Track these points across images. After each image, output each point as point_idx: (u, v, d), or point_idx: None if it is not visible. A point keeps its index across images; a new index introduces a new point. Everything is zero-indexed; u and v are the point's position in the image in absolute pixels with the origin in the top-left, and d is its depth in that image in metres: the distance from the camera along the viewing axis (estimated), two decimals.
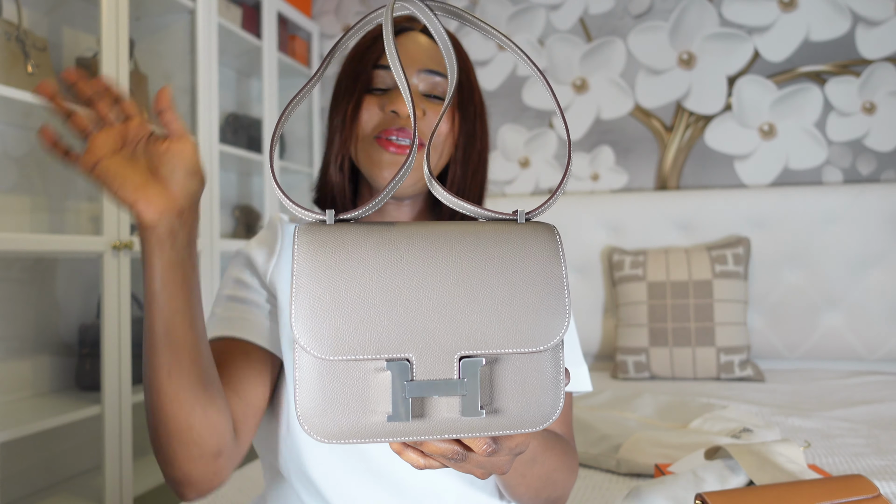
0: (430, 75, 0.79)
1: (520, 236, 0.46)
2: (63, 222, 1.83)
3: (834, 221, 2.19)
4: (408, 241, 0.44)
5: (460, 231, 0.45)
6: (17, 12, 1.57)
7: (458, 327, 0.43)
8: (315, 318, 0.42)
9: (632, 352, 2.12)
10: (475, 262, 0.44)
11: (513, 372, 0.44)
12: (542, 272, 0.45)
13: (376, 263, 0.43)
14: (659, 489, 0.94)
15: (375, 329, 0.42)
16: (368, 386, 0.43)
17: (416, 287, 0.43)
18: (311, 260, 0.43)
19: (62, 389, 1.80)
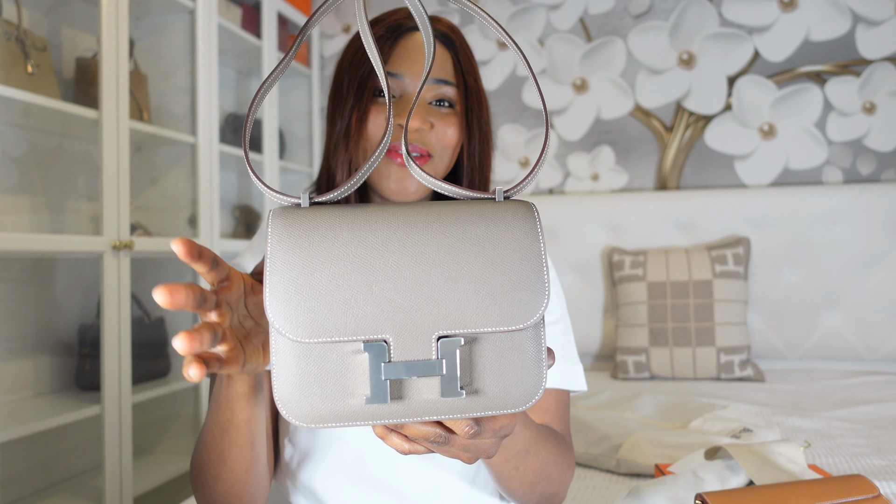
0: (438, 84, 0.78)
1: (497, 214, 0.45)
2: (63, 222, 1.83)
3: (834, 221, 2.18)
4: (383, 221, 0.44)
5: (437, 210, 0.45)
6: (17, 12, 1.57)
7: (435, 307, 0.42)
8: (289, 300, 0.41)
9: (632, 352, 2.12)
10: (452, 240, 0.43)
11: (493, 351, 0.43)
12: (521, 249, 0.44)
13: (351, 244, 0.43)
14: (659, 489, 0.94)
15: (351, 310, 0.42)
16: (346, 368, 0.42)
17: (392, 267, 0.42)
18: (284, 242, 0.42)
19: (62, 389, 1.80)
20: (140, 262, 1.98)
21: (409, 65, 0.77)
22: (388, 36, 0.78)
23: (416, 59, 0.77)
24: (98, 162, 1.66)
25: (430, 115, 0.77)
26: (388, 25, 0.79)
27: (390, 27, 0.79)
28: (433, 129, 0.77)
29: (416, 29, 0.79)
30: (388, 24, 0.79)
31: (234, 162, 2.35)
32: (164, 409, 2.06)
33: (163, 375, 1.98)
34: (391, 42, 0.78)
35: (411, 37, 0.79)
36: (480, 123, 0.81)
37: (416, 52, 0.78)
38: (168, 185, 2.06)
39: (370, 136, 0.77)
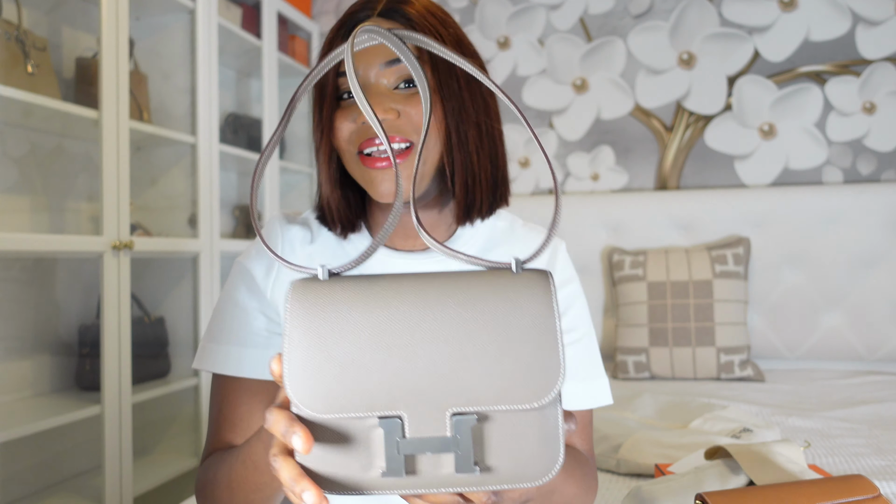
0: (395, 65, 0.71)
1: (513, 290, 0.44)
2: (63, 222, 1.83)
3: (834, 221, 2.18)
4: (398, 297, 0.44)
5: (452, 285, 0.44)
6: (17, 12, 1.57)
7: (449, 384, 0.42)
8: (307, 376, 0.43)
9: (632, 352, 2.12)
10: (466, 318, 0.43)
11: (507, 428, 0.43)
12: (535, 328, 0.43)
13: (366, 322, 0.43)
14: (659, 489, 0.94)
15: (366, 387, 0.42)
16: (363, 442, 0.44)
17: (407, 344, 0.43)
18: (302, 318, 0.44)
19: (62, 389, 1.80)
20: (140, 262, 1.98)
21: (361, 56, 0.72)
22: (341, 34, 0.74)
23: (366, 49, 0.72)
24: (98, 162, 1.66)
25: (394, 101, 0.71)
26: (340, 24, 0.75)
27: (342, 24, 0.75)
28: (402, 116, 0.71)
29: (367, 17, 0.74)
30: (340, 23, 0.75)
31: (233, 162, 2.35)
32: (164, 409, 2.06)
33: (163, 375, 1.98)
34: (343, 38, 0.74)
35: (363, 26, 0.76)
36: (453, 92, 0.72)
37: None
38: (168, 185, 2.06)
39: (340, 140, 0.74)
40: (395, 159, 0.47)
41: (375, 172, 0.71)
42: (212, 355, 0.77)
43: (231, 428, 0.76)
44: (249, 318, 0.77)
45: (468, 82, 0.74)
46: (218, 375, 0.78)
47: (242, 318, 0.77)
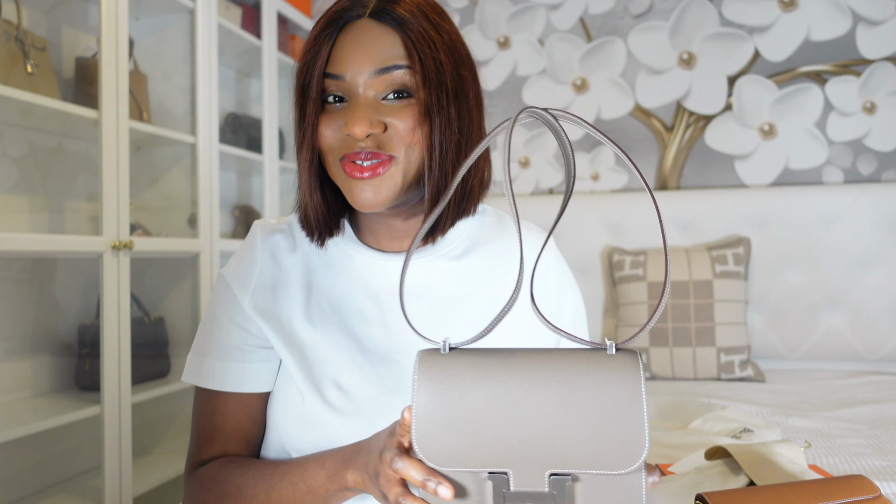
0: (384, 73, 0.69)
1: (607, 370, 0.51)
2: (62, 222, 1.83)
3: (834, 221, 2.18)
4: (507, 373, 0.51)
5: (554, 364, 0.51)
6: (17, 12, 1.57)
7: (548, 449, 0.50)
8: (432, 435, 0.51)
9: None
10: (565, 394, 0.50)
11: (597, 489, 0.50)
12: (625, 405, 0.50)
13: (481, 393, 0.51)
14: (659, 489, 0.94)
15: (480, 447, 0.50)
16: (474, 492, 0.52)
17: (514, 414, 0.50)
18: (428, 385, 0.52)
19: (61, 389, 1.80)
20: (140, 262, 1.98)
21: (350, 61, 0.70)
22: (328, 32, 0.71)
23: (355, 55, 0.69)
24: (98, 162, 1.66)
25: (381, 113, 0.69)
26: (327, 20, 0.72)
27: (329, 21, 0.72)
28: (389, 130, 0.70)
29: (358, 17, 0.71)
30: (327, 18, 0.72)
31: (233, 162, 2.35)
32: (163, 410, 2.06)
33: (162, 376, 1.98)
34: (330, 37, 0.71)
35: (352, 27, 0.71)
36: (441, 105, 0.70)
37: (355, 46, 0.70)
38: (168, 185, 2.06)
39: (324, 145, 0.72)
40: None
41: (355, 182, 0.70)
42: (197, 369, 0.79)
43: (219, 440, 0.78)
44: (230, 332, 0.78)
45: (457, 97, 0.73)
46: (200, 388, 0.80)
47: (224, 333, 0.78)
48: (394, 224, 0.79)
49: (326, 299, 0.79)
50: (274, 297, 0.78)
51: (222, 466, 0.76)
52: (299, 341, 0.77)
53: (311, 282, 0.79)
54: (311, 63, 0.71)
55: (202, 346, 0.80)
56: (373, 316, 0.78)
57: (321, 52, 0.71)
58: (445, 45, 0.72)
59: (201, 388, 0.80)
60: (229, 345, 0.78)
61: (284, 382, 0.78)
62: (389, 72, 0.69)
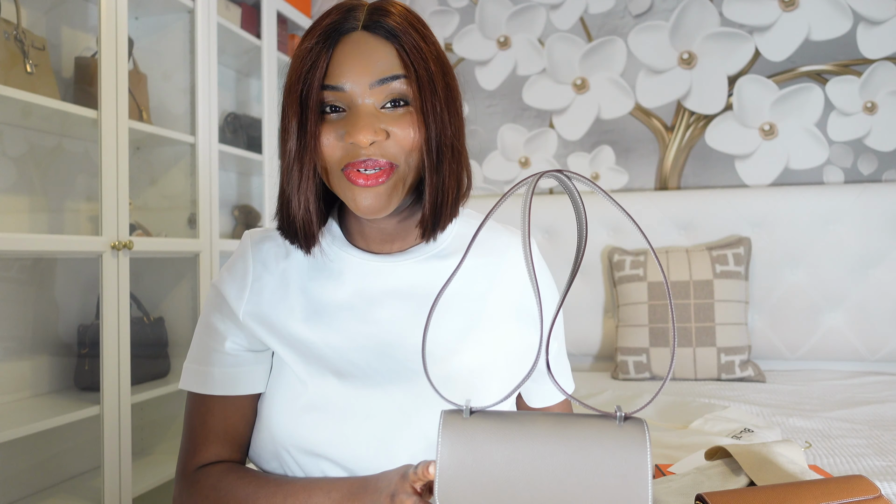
0: (384, 84, 0.72)
1: (615, 439, 0.55)
2: (62, 222, 1.83)
3: (835, 221, 2.18)
4: (523, 439, 0.56)
5: (566, 432, 0.56)
6: (16, 12, 1.57)
7: None
8: (454, 494, 0.56)
9: (632, 352, 2.12)
10: (575, 460, 0.55)
11: None
12: (631, 473, 0.54)
13: (499, 457, 0.56)
14: (659, 489, 0.94)
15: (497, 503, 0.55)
16: None
17: (527, 478, 0.55)
18: (451, 446, 0.57)
19: (61, 390, 1.80)
20: (139, 262, 1.97)
21: (349, 73, 0.72)
22: (323, 45, 0.73)
23: (354, 67, 0.72)
24: (97, 162, 1.66)
25: (383, 122, 0.72)
26: (321, 32, 0.74)
27: (324, 34, 0.74)
28: (390, 138, 0.72)
29: (353, 29, 0.74)
30: (321, 31, 0.74)
31: (233, 162, 2.35)
32: (163, 410, 2.05)
33: (162, 376, 1.98)
34: (327, 50, 0.73)
35: (348, 39, 0.74)
36: (435, 114, 0.74)
37: (353, 57, 0.72)
38: (167, 185, 2.06)
39: (325, 155, 0.74)
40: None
41: (360, 190, 0.73)
42: (193, 376, 0.82)
43: (213, 442, 0.81)
44: (224, 340, 0.81)
45: (447, 103, 0.76)
46: (194, 393, 0.83)
47: (217, 341, 0.81)
48: (386, 228, 0.82)
49: (321, 301, 0.81)
50: (268, 303, 0.81)
51: (223, 475, 0.78)
52: (297, 340, 0.79)
53: (304, 285, 0.82)
54: (309, 75, 0.73)
55: (197, 354, 0.83)
56: (367, 316, 0.80)
57: (319, 63, 0.73)
58: (433, 54, 0.76)
59: (195, 392, 0.83)
60: (224, 352, 0.81)
61: (280, 377, 0.80)
62: (388, 82, 0.72)
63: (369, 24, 0.74)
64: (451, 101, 0.77)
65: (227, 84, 2.51)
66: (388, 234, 0.83)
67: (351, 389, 0.76)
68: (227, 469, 0.79)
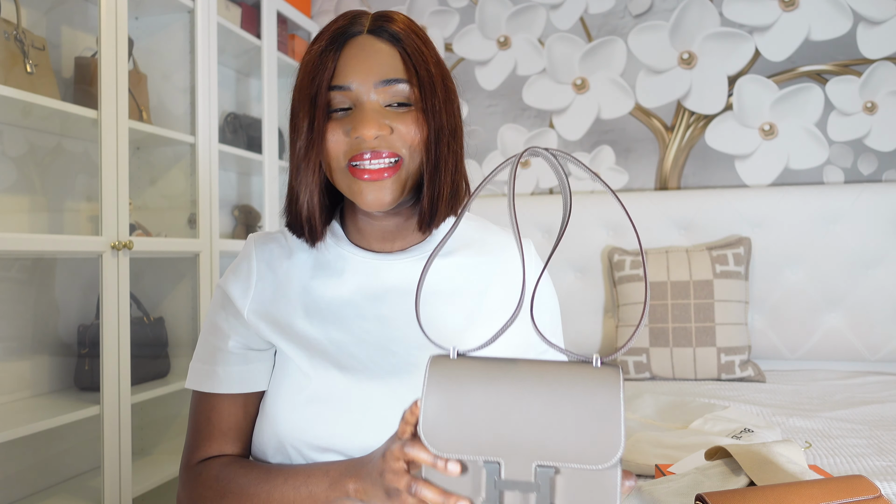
0: (388, 85, 0.77)
1: (591, 379, 0.58)
2: (62, 222, 1.83)
3: (835, 221, 2.18)
4: (506, 379, 0.59)
5: (545, 374, 0.59)
6: (16, 11, 1.57)
7: (536, 444, 0.57)
8: (437, 428, 0.59)
9: (632, 352, 2.12)
10: (554, 399, 0.58)
11: (577, 481, 0.58)
12: (605, 409, 0.57)
13: (482, 396, 0.59)
14: (659, 490, 0.94)
15: (478, 439, 0.58)
16: (472, 475, 0.60)
17: (508, 414, 0.58)
18: (437, 387, 0.60)
19: (61, 390, 1.80)
20: (139, 262, 1.97)
21: (356, 73, 0.77)
22: (331, 47, 0.78)
23: (361, 67, 0.77)
24: (97, 162, 1.66)
25: (387, 118, 0.77)
26: (329, 37, 0.79)
27: (332, 37, 0.79)
28: (394, 133, 0.77)
29: (359, 33, 0.79)
30: (329, 36, 0.79)
31: (233, 162, 2.35)
32: (163, 410, 2.05)
33: (162, 376, 1.98)
34: (334, 53, 0.78)
35: (354, 42, 0.79)
36: (436, 114, 0.79)
37: (360, 59, 0.77)
38: (167, 185, 2.06)
39: (331, 152, 0.77)
40: None
41: (364, 184, 0.76)
42: (200, 375, 0.84)
43: (217, 438, 0.83)
44: (230, 339, 0.83)
45: (446, 102, 0.80)
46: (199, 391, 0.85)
47: (222, 340, 0.84)
48: (385, 227, 0.85)
49: (323, 299, 0.83)
50: (273, 302, 0.83)
51: (225, 465, 0.80)
52: (300, 336, 0.81)
53: (306, 283, 0.84)
54: (319, 76, 0.77)
55: (203, 354, 0.85)
56: (368, 312, 0.82)
57: (327, 65, 0.77)
58: (433, 59, 0.81)
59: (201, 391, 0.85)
60: (228, 350, 0.83)
61: (284, 372, 0.82)
62: (392, 84, 0.77)
63: (374, 29, 0.79)
64: (449, 102, 0.81)
65: (227, 84, 2.51)
66: (389, 233, 0.85)
67: (354, 382, 0.78)
68: (229, 460, 0.82)
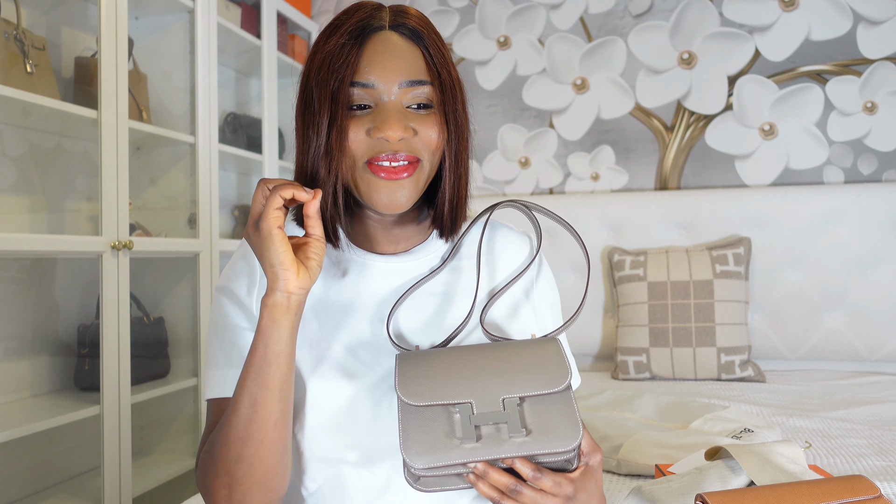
0: (413, 86, 0.75)
1: (534, 342, 0.76)
2: (62, 222, 1.83)
3: (835, 221, 2.18)
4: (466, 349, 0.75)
5: (497, 345, 0.75)
6: (16, 11, 1.57)
7: (500, 384, 0.69)
8: (412, 383, 0.70)
9: (632, 352, 2.12)
10: (507, 354, 0.73)
11: (540, 406, 0.68)
12: (550, 353, 0.73)
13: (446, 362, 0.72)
14: (659, 490, 0.94)
15: (448, 389, 0.69)
16: (446, 420, 0.68)
17: (472, 367, 0.71)
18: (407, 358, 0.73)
19: (61, 390, 1.80)
20: (139, 262, 1.97)
21: (379, 71, 0.74)
22: (352, 42, 0.74)
23: (385, 64, 0.74)
24: (97, 162, 1.66)
25: (410, 120, 0.75)
26: (350, 30, 0.75)
27: (353, 32, 0.75)
28: (417, 135, 0.75)
29: (381, 28, 0.76)
30: (350, 29, 0.75)
31: (233, 162, 2.35)
32: (163, 410, 2.05)
33: (162, 376, 1.98)
34: (357, 48, 0.74)
35: (377, 38, 0.76)
36: (456, 116, 0.78)
37: (385, 56, 0.74)
38: (167, 185, 2.06)
39: (352, 150, 0.74)
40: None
41: (384, 184, 0.74)
42: (217, 382, 0.79)
43: None
44: (244, 338, 0.79)
45: (464, 106, 0.80)
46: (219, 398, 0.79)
47: (236, 341, 0.79)
48: (392, 230, 0.84)
49: (327, 300, 0.82)
50: None
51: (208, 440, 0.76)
52: (304, 338, 0.79)
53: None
54: (340, 71, 0.74)
55: (218, 358, 0.80)
56: (372, 314, 0.81)
57: (350, 60, 0.74)
58: (451, 60, 0.80)
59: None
60: (242, 353, 0.79)
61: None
62: (416, 85, 0.75)
63: (395, 25, 0.77)
64: (465, 105, 0.81)
65: (227, 84, 2.51)
66: (394, 236, 0.84)
67: (359, 385, 0.77)
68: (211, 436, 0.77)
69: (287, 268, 0.68)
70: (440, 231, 0.83)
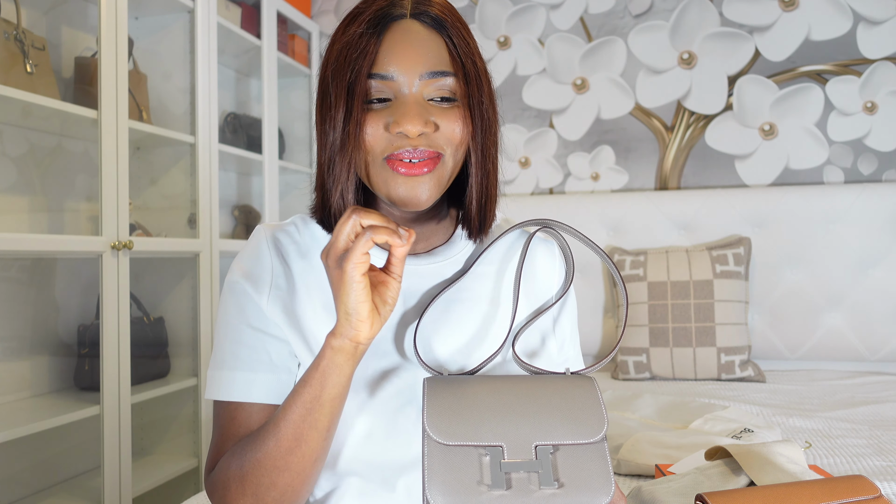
0: (435, 78, 0.70)
1: (569, 380, 0.71)
2: (62, 222, 1.83)
3: (835, 221, 2.18)
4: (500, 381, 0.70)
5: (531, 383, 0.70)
6: (16, 11, 1.57)
7: (533, 427, 0.65)
8: (441, 420, 0.65)
9: (632, 352, 2.12)
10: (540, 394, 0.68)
11: (573, 457, 0.65)
12: (586, 398, 0.69)
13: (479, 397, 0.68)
14: (659, 490, 0.94)
15: (479, 429, 0.65)
16: (476, 463, 0.64)
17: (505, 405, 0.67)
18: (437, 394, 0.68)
19: (61, 390, 1.80)
20: (139, 262, 1.97)
21: (399, 62, 0.70)
22: (371, 32, 0.70)
23: (406, 55, 0.70)
24: (97, 162, 1.66)
25: (431, 114, 0.70)
26: (369, 19, 0.71)
27: (372, 21, 0.71)
28: (438, 130, 0.71)
29: (402, 17, 0.72)
30: (369, 18, 0.71)
31: (233, 162, 2.35)
32: (163, 410, 2.05)
33: (162, 376, 1.98)
34: (376, 38, 0.70)
35: (397, 27, 0.71)
36: (482, 110, 0.74)
37: (405, 46, 0.70)
38: (167, 185, 2.06)
39: (369, 145, 0.71)
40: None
41: (403, 179, 0.70)
42: (219, 383, 0.75)
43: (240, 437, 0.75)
44: (252, 339, 0.76)
45: (491, 98, 0.75)
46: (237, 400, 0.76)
47: (244, 341, 0.76)
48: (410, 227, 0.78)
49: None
50: (290, 298, 0.76)
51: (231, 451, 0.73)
52: (317, 340, 0.76)
53: (323, 285, 0.77)
54: (358, 62, 0.70)
55: (223, 359, 0.76)
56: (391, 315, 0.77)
57: (368, 50, 0.70)
58: (477, 50, 0.75)
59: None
60: (254, 353, 0.76)
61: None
62: (438, 77, 0.71)
63: (416, 13, 0.72)
64: (493, 98, 0.76)
65: (227, 84, 2.51)
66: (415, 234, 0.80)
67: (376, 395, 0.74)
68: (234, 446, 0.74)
69: (363, 319, 0.64)
70: (469, 232, 0.78)
